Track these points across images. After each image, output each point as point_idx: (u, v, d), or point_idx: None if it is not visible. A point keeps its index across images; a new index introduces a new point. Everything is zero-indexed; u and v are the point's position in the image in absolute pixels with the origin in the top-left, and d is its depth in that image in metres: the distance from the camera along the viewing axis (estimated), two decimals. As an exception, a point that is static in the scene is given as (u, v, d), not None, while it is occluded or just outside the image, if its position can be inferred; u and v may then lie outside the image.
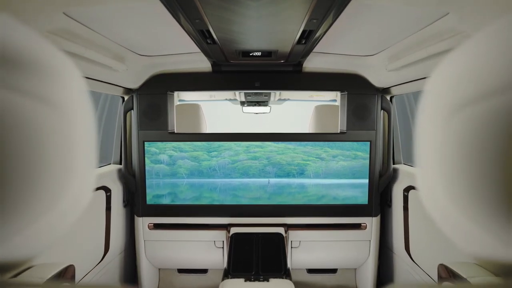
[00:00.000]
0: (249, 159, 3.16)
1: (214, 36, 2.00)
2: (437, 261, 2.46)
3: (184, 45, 2.61)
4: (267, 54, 2.47)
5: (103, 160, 3.61)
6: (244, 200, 3.19)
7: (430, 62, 2.12)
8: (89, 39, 2.07)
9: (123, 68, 2.57)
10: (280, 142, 3.15)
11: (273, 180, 3.18)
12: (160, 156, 3.11)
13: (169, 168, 3.13)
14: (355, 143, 3.14)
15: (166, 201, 3.17)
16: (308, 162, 3.17)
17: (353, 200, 3.17)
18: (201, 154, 3.13)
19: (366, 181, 3.15)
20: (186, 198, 3.17)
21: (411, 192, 2.85)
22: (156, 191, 3.16)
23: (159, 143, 3.09)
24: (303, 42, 2.12)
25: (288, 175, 3.19)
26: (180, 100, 4.17)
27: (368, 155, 3.12)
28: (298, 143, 3.15)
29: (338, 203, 3.17)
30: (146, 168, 3.11)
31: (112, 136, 3.44)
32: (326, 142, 3.15)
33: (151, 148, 3.11)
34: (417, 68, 2.32)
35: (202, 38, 2.04)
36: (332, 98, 4.16)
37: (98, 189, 2.82)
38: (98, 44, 2.20)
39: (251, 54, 2.46)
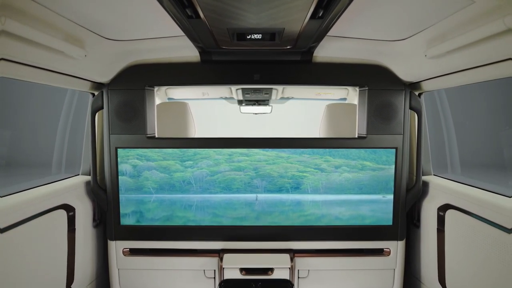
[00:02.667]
0: (232, 170, 2.71)
1: (196, 4, 1.57)
2: None
3: (163, 26, 2.17)
4: (269, 37, 2.03)
5: (69, 170, 3.17)
6: (226, 220, 2.74)
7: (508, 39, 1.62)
8: (14, 6, 1.62)
9: (80, 54, 2.11)
10: (273, 150, 2.70)
11: (262, 196, 2.74)
12: (121, 166, 2.67)
13: (133, 181, 2.68)
14: (362, 150, 2.68)
15: (130, 221, 2.72)
16: (305, 174, 2.72)
17: (368, 220, 2.73)
18: (173, 163, 2.68)
19: (375, 197, 2.71)
20: (154, 218, 2.72)
21: (450, 212, 2.40)
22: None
23: (120, 150, 2.65)
24: (320, 15, 1.67)
25: (280, 190, 2.73)
26: (169, 99, 3.76)
27: (387, 165, 2.67)
28: (292, 150, 2.70)
29: (355, 224, 2.74)
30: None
31: (81, 140, 2.99)
32: (327, 150, 2.70)
33: None
34: (481, 50, 1.81)
35: (180, 8, 1.60)
36: (342, 96, 3.73)
37: (54, 208, 2.36)
38: (33, 16, 1.74)
39: (249, 37, 2.03)
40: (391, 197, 2.72)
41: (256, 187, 2.73)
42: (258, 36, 2.03)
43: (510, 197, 2.02)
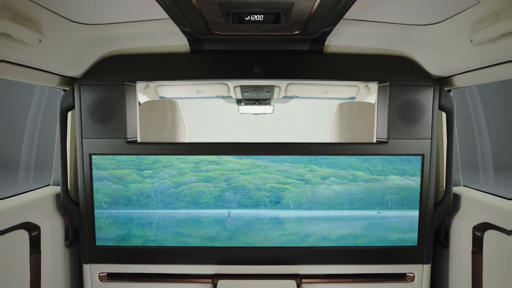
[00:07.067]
0: (200, 181, 2.47)
1: None
2: None
3: (143, 6, 1.95)
4: (273, 18, 1.81)
5: (39, 179, 2.99)
6: (194, 241, 2.51)
7: None
8: None
9: (33, 38, 1.84)
10: (248, 157, 2.47)
11: (235, 212, 2.50)
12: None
13: (81, 193, 2.47)
14: (353, 157, 2.42)
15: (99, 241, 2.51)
16: (286, 186, 2.47)
17: (361, 240, 2.50)
18: (129, 173, 2.46)
19: (369, 213, 2.46)
20: (107, 237, 2.49)
21: (490, 232, 2.16)
22: None
23: (95, 157, 2.41)
24: None
25: (257, 204, 2.49)
26: (160, 98, 3.59)
27: (382, 176, 2.42)
28: (271, 158, 2.45)
29: (372, 245, 2.52)
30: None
31: (53, 144, 2.73)
32: (313, 157, 2.45)
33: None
34: None
35: None
36: (351, 95, 3.52)
37: (11, 229, 2.11)
38: None
39: (247, 18, 1.81)
40: (388, 213, 2.46)
41: (229, 201, 2.48)
42: (259, 18, 1.81)
43: None
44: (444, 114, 2.53)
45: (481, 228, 2.27)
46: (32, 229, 2.26)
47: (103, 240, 2.48)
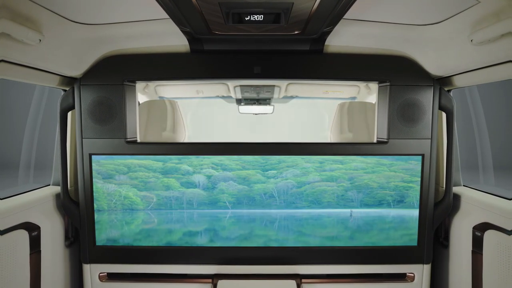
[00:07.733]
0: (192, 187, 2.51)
1: None
2: None
3: (143, 6, 1.97)
4: (273, 18, 1.83)
5: (39, 179, 2.98)
6: (191, 239, 2.54)
7: None
8: None
9: (33, 38, 1.85)
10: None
11: (232, 212, 2.52)
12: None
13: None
14: (352, 156, 2.45)
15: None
16: (283, 184, 2.50)
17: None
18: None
19: (368, 213, 2.48)
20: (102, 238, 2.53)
21: (490, 232, 2.18)
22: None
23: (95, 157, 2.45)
24: None
25: (253, 204, 2.52)
26: (160, 98, 3.61)
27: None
28: (269, 161, 2.49)
29: (372, 245, 2.54)
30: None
31: (53, 144, 2.74)
32: (308, 157, 2.47)
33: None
34: None
35: None
36: (352, 94, 3.52)
37: (11, 229, 2.12)
38: None
39: (247, 18, 1.83)
40: (387, 213, 2.49)
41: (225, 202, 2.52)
42: (259, 18, 1.83)
43: None
44: (444, 114, 2.55)
45: (481, 228, 2.29)
46: (32, 229, 2.28)
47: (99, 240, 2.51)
